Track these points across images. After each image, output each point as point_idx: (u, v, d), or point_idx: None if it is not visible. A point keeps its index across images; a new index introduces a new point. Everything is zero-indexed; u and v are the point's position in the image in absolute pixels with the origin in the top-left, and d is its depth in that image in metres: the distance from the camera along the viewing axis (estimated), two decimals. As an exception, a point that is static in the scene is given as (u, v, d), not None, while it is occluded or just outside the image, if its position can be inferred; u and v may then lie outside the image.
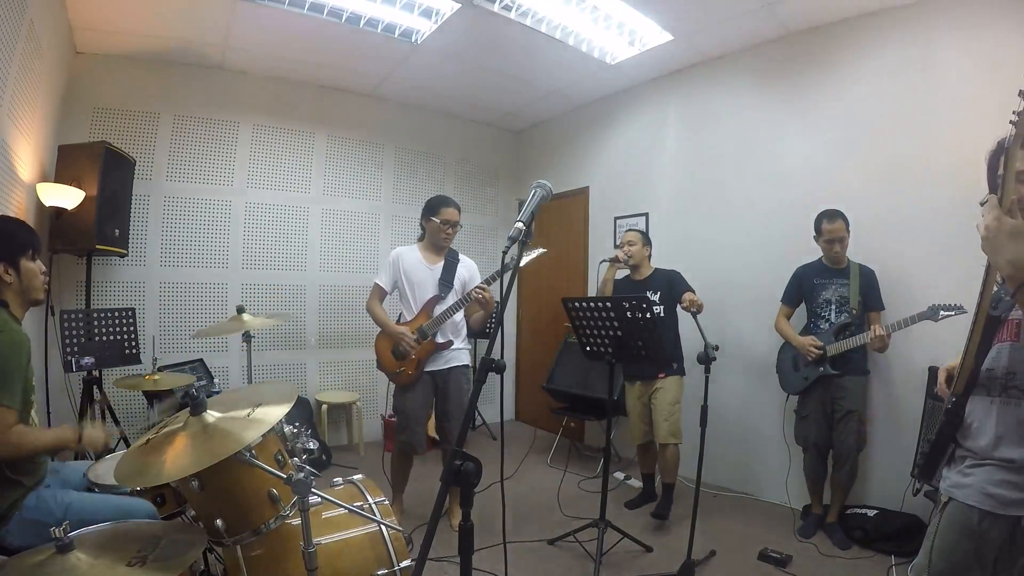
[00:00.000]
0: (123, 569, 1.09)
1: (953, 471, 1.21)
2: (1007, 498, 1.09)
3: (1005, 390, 1.14)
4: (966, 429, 1.20)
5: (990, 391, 1.16)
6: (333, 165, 4.58)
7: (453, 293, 2.87)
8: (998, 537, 1.09)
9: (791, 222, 3.30)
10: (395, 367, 2.83)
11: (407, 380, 2.82)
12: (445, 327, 2.81)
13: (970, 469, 1.17)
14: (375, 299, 2.92)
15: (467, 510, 1.19)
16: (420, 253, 2.94)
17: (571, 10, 3.36)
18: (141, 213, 3.78)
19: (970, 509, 1.14)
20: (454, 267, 2.92)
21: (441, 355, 2.85)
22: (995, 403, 1.15)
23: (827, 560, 2.65)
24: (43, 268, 1.71)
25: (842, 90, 3.20)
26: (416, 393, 2.83)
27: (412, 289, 2.88)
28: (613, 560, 2.63)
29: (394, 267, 2.92)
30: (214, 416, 1.41)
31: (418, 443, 2.87)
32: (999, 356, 1.16)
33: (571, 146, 5.04)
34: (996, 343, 1.17)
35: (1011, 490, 1.09)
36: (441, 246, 2.94)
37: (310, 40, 3.69)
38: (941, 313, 2.43)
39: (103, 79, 3.67)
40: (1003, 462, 1.11)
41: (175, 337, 3.91)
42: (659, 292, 3.21)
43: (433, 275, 2.88)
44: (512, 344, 5.51)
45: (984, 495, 1.12)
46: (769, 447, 3.40)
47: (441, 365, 2.85)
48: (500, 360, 1.22)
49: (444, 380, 2.86)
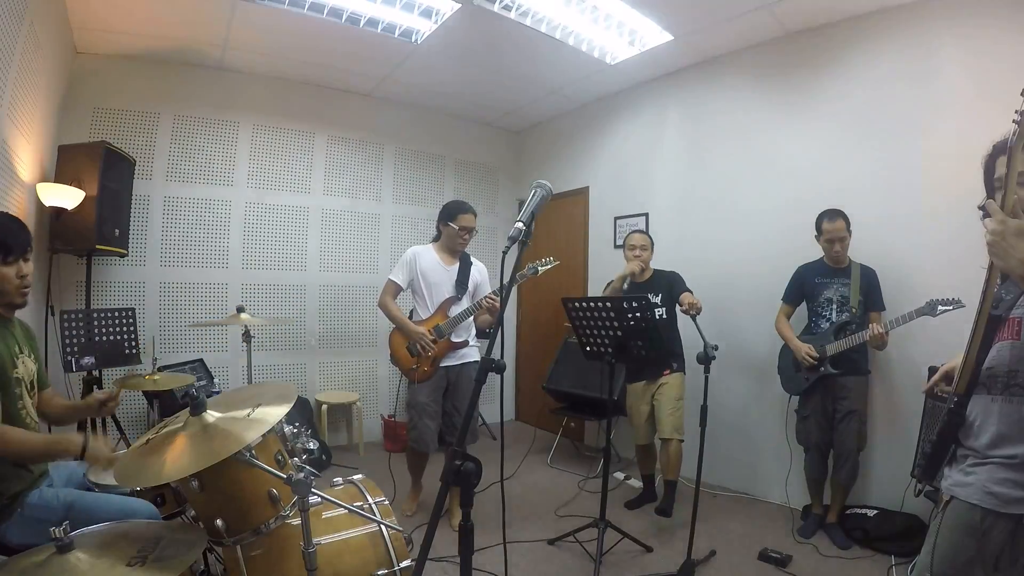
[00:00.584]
0: (123, 569, 1.09)
1: (955, 470, 1.21)
2: (1010, 496, 1.08)
3: (1007, 388, 1.13)
4: (967, 428, 1.19)
5: (991, 390, 1.16)
6: (333, 165, 4.58)
7: (468, 295, 2.98)
8: (1000, 535, 1.08)
9: (791, 221, 3.30)
10: (410, 363, 2.89)
11: (422, 377, 2.89)
12: (460, 327, 2.90)
13: (972, 468, 1.16)
14: (389, 296, 2.99)
15: (467, 510, 1.19)
16: (437, 254, 3.02)
17: (571, 10, 3.36)
18: (141, 213, 3.78)
19: (972, 508, 1.13)
20: (468, 269, 3.02)
21: (456, 352, 2.95)
22: (996, 401, 1.14)
23: (827, 560, 2.65)
24: (23, 271, 1.58)
25: (842, 90, 3.20)
26: (430, 388, 2.92)
27: (429, 289, 2.95)
28: (613, 560, 2.63)
29: (411, 266, 2.99)
30: (214, 416, 1.41)
31: (429, 440, 2.92)
32: (1000, 355, 1.16)
33: (571, 146, 5.04)
34: (997, 342, 1.16)
35: (1013, 488, 1.08)
36: (456, 250, 3.03)
37: (310, 40, 3.69)
38: (939, 308, 2.43)
39: (103, 79, 3.67)
40: (1005, 459, 1.10)
41: (175, 337, 3.91)
42: (660, 294, 3.21)
43: (450, 276, 2.97)
44: (512, 344, 5.52)
45: (986, 493, 1.11)
46: (769, 447, 3.40)
47: (455, 361, 2.96)
48: (500, 360, 1.22)
49: (456, 375, 2.97)
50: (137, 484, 1.53)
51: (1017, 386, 1.12)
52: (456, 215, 2.95)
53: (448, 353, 2.92)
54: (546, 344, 4.92)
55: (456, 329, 2.90)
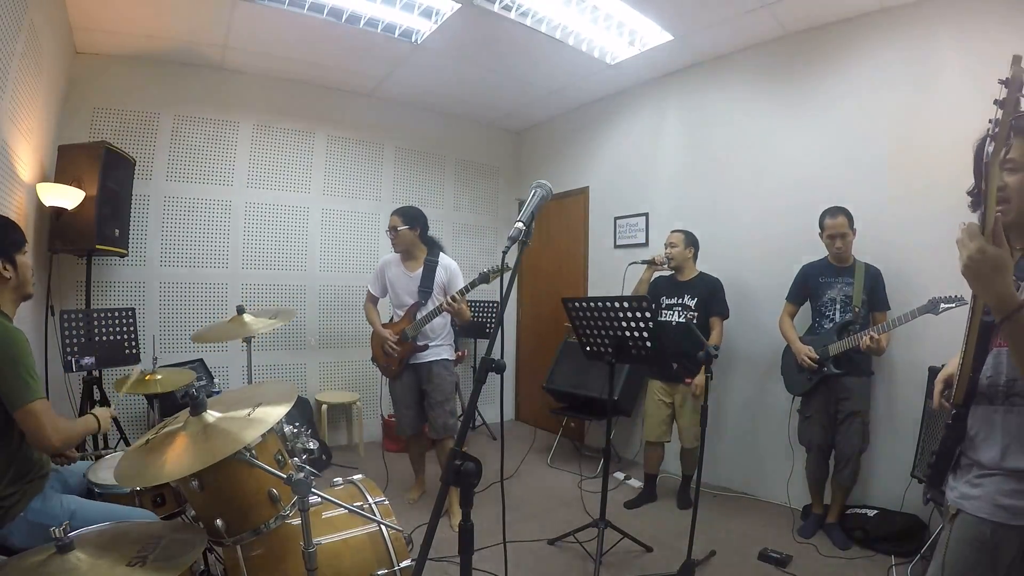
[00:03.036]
0: (123, 569, 1.09)
1: (960, 481, 1.17)
2: (1019, 508, 1.06)
3: (1008, 398, 1.10)
4: (971, 441, 1.16)
5: (992, 400, 1.13)
6: (333, 165, 4.58)
7: (432, 298, 3.09)
8: (1012, 549, 1.06)
9: (791, 221, 3.30)
10: (383, 362, 3.21)
11: (393, 374, 3.21)
12: (424, 330, 3.07)
13: (978, 480, 1.13)
14: (369, 302, 3.32)
15: (467, 510, 1.18)
16: (402, 262, 3.18)
17: (571, 10, 3.36)
18: (141, 213, 3.78)
19: (981, 522, 1.10)
20: (433, 272, 3.11)
21: (420, 353, 3.13)
22: (999, 412, 1.11)
23: (827, 560, 2.65)
24: (30, 262, 1.73)
25: (842, 90, 3.20)
26: (402, 383, 3.19)
27: (397, 297, 3.19)
28: (613, 560, 2.63)
29: (381, 275, 3.25)
30: (214, 416, 1.41)
31: (406, 425, 3.21)
32: (999, 363, 1.13)
33: (571, 146, 5.04)
34: (993, 348, 1.14)
35: (1023, 500, 1.06)
36: (409, 253, 3.15)
37: (310, 40, 3.69)
38: (942, 306, 2.42)
39: (103, 79, 3.67)
40: (1012, 472, 1.07)
41: (175, 337, 3.91)
42: (697, 298, 3.23)
43: (413, 283, 3.12)
44: (512, 344, 5.51)
45: (996, 507, 1.08)
46: (770, 447, 3.40)
47: (422, 360, 3.13)
48: (500, 360, 1.21)
49: (427, 371, 3.13)
50: (137, 484, 1.54)
51: (1018, 395, 1.09)
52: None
53: (412, 354, 3.11)
54: (546, 344, 4.91)
55: (421, 332, 3.07)
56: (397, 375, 3.17)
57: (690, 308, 3.22)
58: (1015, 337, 0.99)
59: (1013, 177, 1.09)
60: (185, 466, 1.28)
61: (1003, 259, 0.95)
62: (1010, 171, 1.09)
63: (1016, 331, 0.97)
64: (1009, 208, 1.09)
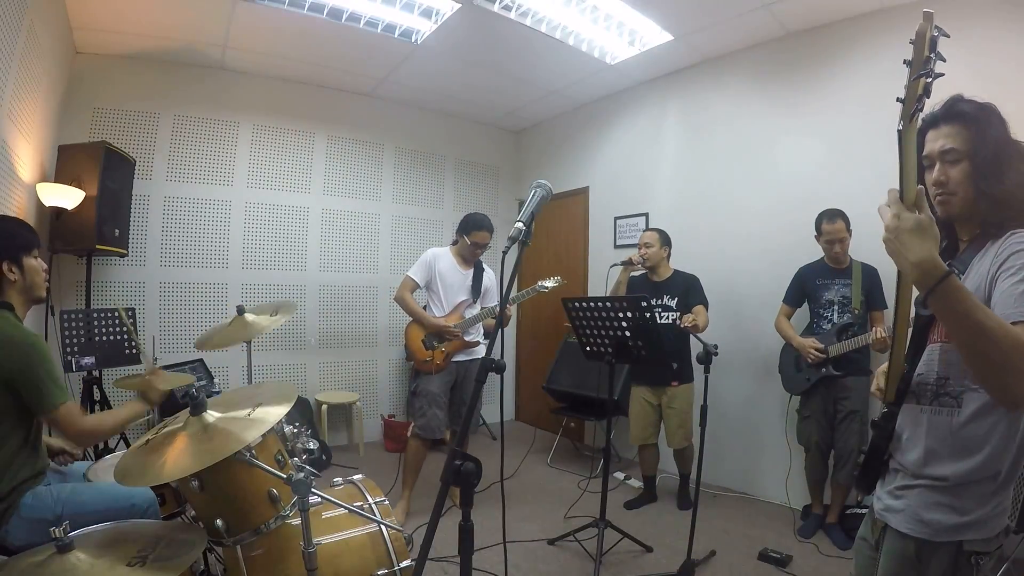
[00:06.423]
0: (123, 569, 1.09)
1: (885, 490, 1.10)
2: (944, 524, 0.98)
3: (936, 398, 1.02)
4: (897, 441, 1.08)
5: (920, 399, 1.05)
6: (333, 165, 4.58)
7: (480, 299, 3.19)
8: (941, 564, 0.98)
9: (791, 221, 3.30)
10: (424, 355, 3.06)
11: (434, 369, 3.04)
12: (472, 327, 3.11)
13: (900, 491, 1.06)
14: (407, 291, 3.13)
15: (467, 510, 1.18)
16: (454, 258, 3.20)
17: (571, 10, 3.36)
18: (141, 213, 3.78)
19: (905, 538, 1.02)
20: (481, 275, 3.24)
21: (468, 349, 3.14)
22: (925, 412, 1.03)
23: (827, 560, 2.65)
24: (44, 265, 1.73)
25: (842, 90, 3.20)
26: (442, 380, 3.08)
27: (446, 290, 3.13)
28: (613, 560, 2.63)
29: (429, 266, 3.16)
30: (214, 416, 1.41)
31: (436, 427, 3.03)
32: (931, 360, 1.05)
33: (571, 146, 5.04)
34: (928, 344, 1.06)
35: (948, 514, 0.98)
36: (469, 259, 3.22)
37: (310, 40, 3.69)
38: None
39: (103, 79, 3.67)
40: (935, 481, 1.00)
41: (175, 337, 3.91)
42: (676, 297, 3.22)
43: (465, 280, 3.17)
44: (512, 344, 5.51)
45: (918, 522, 1.01)
46: (770, 447, 3.40)
47: (466, 356, 3.14)
48: (500, 360, 1.21)
49: (466, 369, 3.14)
50: (137, 484, 1.53)
51: (947, 395, 1.01)
52: (471, 231, 3.15)
53: (461, 350, 3.10)
54: (546, 344, 4.91)
55: (468, 330, 3.09)
56: (441, 369, 3.05)
57: (671, 308, 3.21)
58: (945, 312, 0.87)
59: (955, 169, 1.04)
60: (185, 466, 1.28)
61: (923, 223, 0.87)
62: (951, 163, 1.05)
63: (945, 304, 0.86)
64: (954, 200, 1.05)
